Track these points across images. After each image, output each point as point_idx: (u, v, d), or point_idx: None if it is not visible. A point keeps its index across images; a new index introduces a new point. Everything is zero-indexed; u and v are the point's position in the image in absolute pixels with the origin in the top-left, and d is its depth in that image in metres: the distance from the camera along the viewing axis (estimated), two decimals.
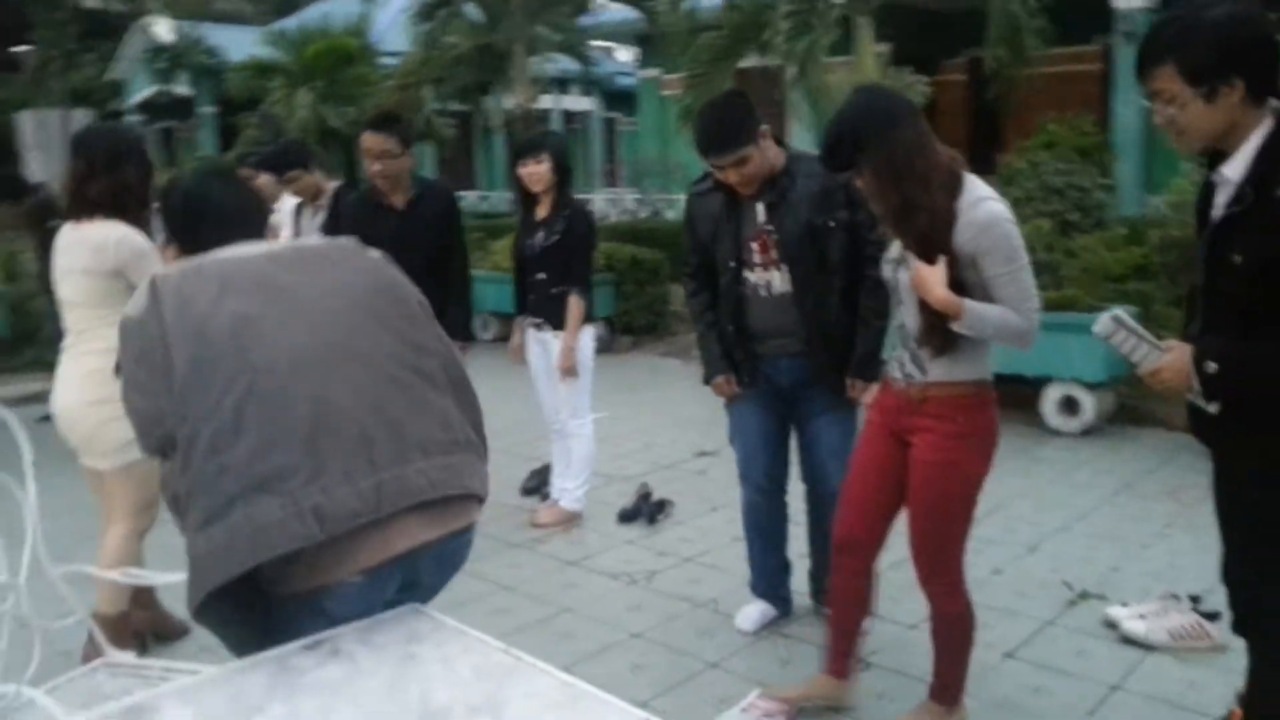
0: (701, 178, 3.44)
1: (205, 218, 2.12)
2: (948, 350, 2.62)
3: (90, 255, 3.18)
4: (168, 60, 20.70)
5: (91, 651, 2.72)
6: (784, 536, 3.64)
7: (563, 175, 4.55)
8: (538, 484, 5.22)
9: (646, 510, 4.77)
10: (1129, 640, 3.46)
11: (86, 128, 4.93)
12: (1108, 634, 3.54)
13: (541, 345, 4.69)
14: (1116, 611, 3.60)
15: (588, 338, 4.66)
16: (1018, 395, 6.53)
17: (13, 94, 21.59)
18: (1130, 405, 6.29)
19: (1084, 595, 3.86)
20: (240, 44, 18.18)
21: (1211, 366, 2.21)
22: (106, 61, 23.22)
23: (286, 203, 5.57)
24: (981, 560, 4.16)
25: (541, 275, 4.60)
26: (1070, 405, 6.20)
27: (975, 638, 2.89)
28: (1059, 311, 6.09)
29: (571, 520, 4.76)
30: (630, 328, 9.62)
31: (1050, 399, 6.25)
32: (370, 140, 4.43)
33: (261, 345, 1.86)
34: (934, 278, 2.52)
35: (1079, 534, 4.52)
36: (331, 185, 5.29)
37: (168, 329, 1.84)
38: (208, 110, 21.26)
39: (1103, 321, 2.33)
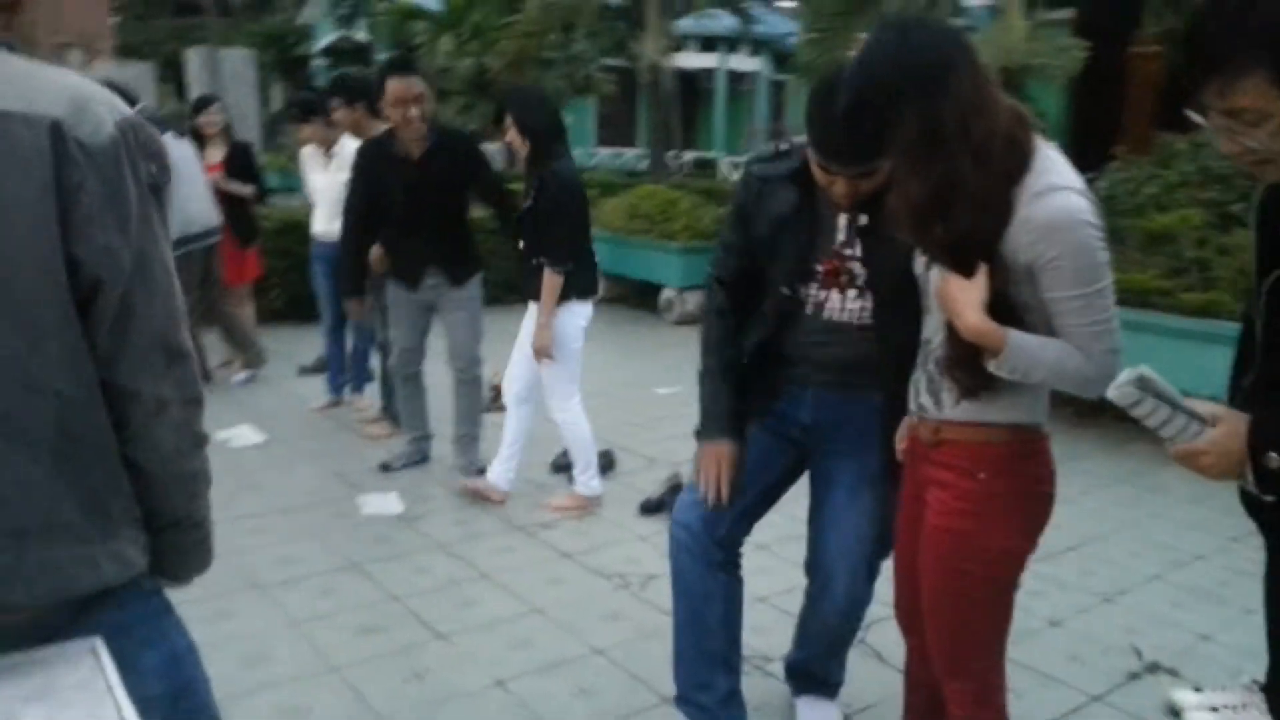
0: (773, 155, 2.42)
1: None
2: (978, 391, 1.91)
3: None
4: (349, 6, 21.23)
5: None
6: (724, 616, 2.53)
7: (533, 138, 4.08)
8: (568, 461, 4.82)
9: (670, 503, 4.29)
10: None
11: None
12: None
13: (532, 320, 4.27)
14: (1184, 697, 2.92)
15: (571, 316, 4.19)
16: None
17: (211, 34, 22.78)
18: None
19: (1153, 668, 3.18)
20: None
21: (1276, 460, 1.59)
22: (298, 6, 24.17)
23: (346, 145, 5.37)
24: (1039, 606, 3.53)
25: (521, 244, 4.20)
26: None
27: None
28: (1200, 318, 5.24)
29: (585, 506, 4.36)
30: None
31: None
32: (398, 86, 4.15)
33: None
34: (966, 296, 1.80)
35: (1171, 586, 3.78)
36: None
37: None
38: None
39: (1121, 386, 1.70)
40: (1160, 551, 4.10)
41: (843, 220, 2.28)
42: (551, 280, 4.05)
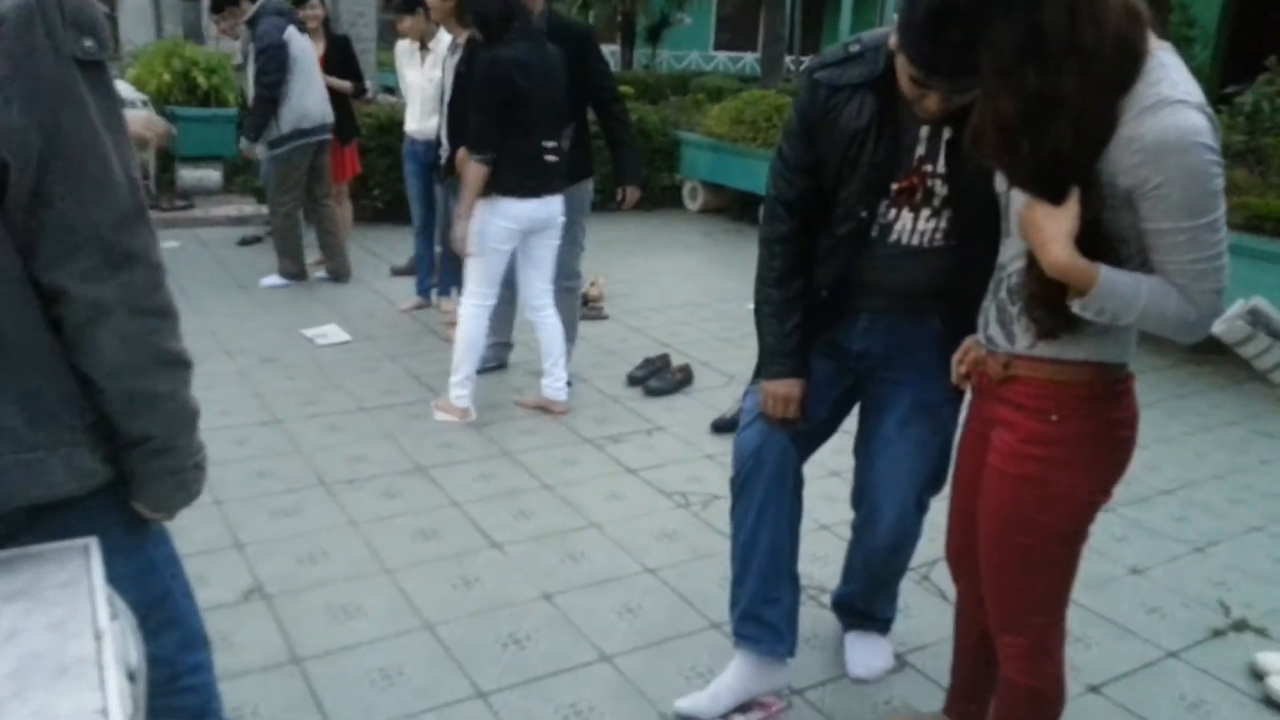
0: (843, 58, 2.13)
1: None
2: (1059, 333, 1.71)
3: None
4: None
5: None
6: (787, 522, 2.40)
7: (480, 23, 3.88)
8: (646, 374, 4.75)
9: None
10: (1273, 702, 2.60)
11: None
12: (1247, 685, 2.69)
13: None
14: (1270, 660, 2.72)
15: (493, 213, 3.94)
16: None
17: None
18: None
19: (1240, 625, 2.97)
20: None
21: None
22: None
23: (442, 40, 5.30)
24: (1122, 552, 3.34)
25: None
26: None
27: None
28: None
29: (457, 415, 4.18)
30: None
31: None
32: None
33: None
34: (1054, 226, 1.59)
35: (1274, 539, 3.52)
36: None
37: None
38: None
39: (1230, 320, 1.49)
40: (1266, 501, 3.81)
41: (924, 132, 2.07)
42: (473, 170, 3.87)
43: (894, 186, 2.11)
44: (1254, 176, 5.44)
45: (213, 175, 8.40)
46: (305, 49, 5.85)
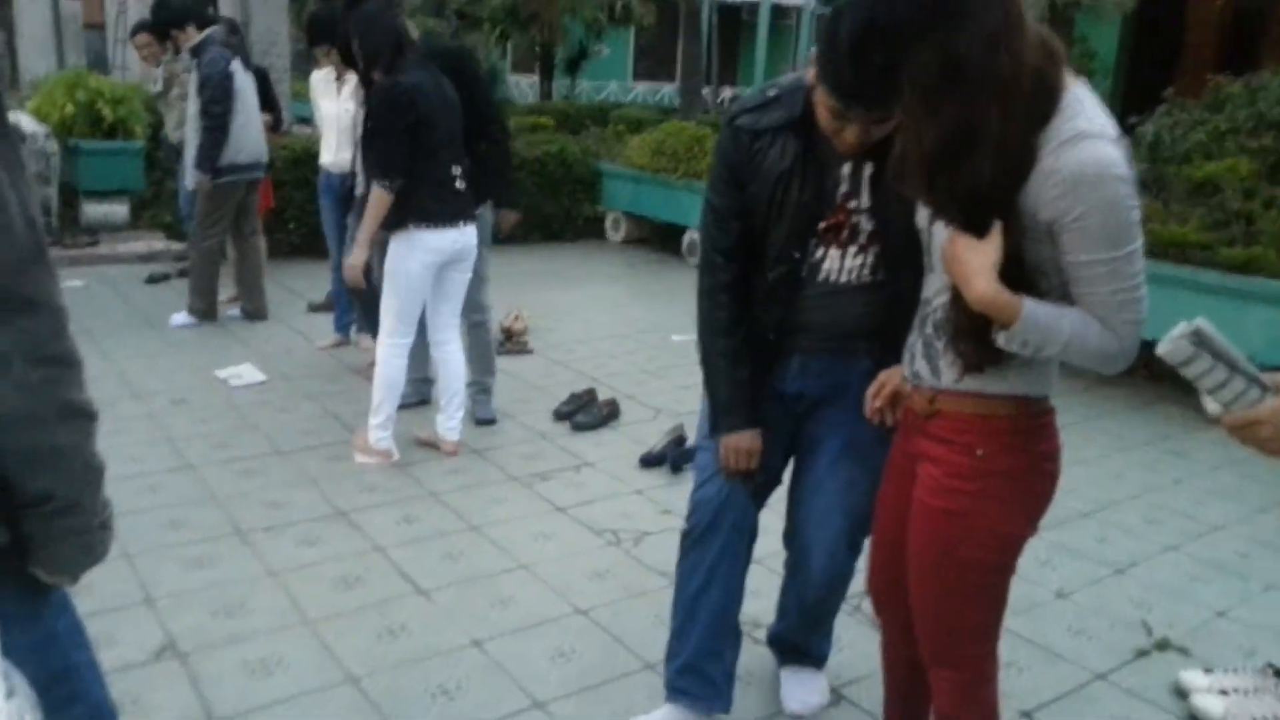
0: (763, 102, 2.13)
1: None
2: (984, 365, 1.71)
3: None
4: None
5: None
6: (737, 583, 2.41)
7: (364, 59, 3.91)
8: (572, 409, 4.71)
9: (673, 457, 4.18)
10: None
11: None
12: (1174, 704, 2.73)
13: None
14: (1192, 678, 2.78)
15: (408, 244, 3.86)
16: (1168, 368, 5.45)
17: None
18: None
19: (1163, 645, 3.03)
20: None
21: None
22: None
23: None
24: (1047, 576, 3.38)
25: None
26: None
27: None
28: (1241, 274, 4.98)
29: (369, 456, 4.08)
30: None
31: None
32: None
33: None
34: (977, 259, 1.59)
35: (1189, 558, 3.61)
36: None
37: None
38: None
39: (1174, 340, 1.51)
40: (1180, 520, 3.92)
41: (846, 169, 2.08)
42: (375, 196, 3.80)
43: (820, 225, 2.11)
44: (1156, 204, 5.64)
45: (119, 210, 8.12)
46: (247, 83, 5.77)
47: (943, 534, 1.82)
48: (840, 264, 2.13)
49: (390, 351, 4.01)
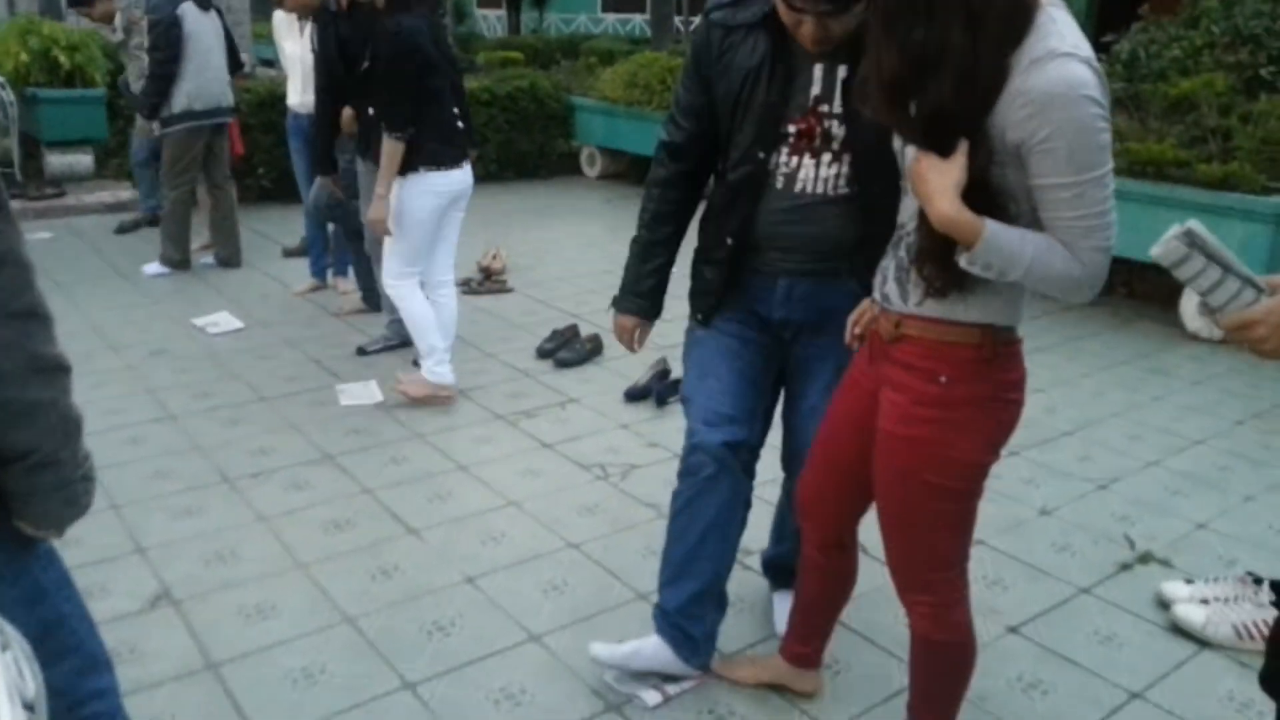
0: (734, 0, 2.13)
1: None
2: (948, 290, 1.70)
3: None
4: None
5: None
6: (731, 548, 2.39)
7: None
8: (555, 346, 4.69)
9: (658, 390, 4.19)
10: (1179, 629, 2.71)
11: None
12: (1156, 615, 2.79)
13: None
14: (1174, 589, 2.83)
15: (419, 187, 3.84)
16: (1152, 287, 5.49)
17: None
18: None
19: (1145, 558, 3.09)
20: None
21: None
22: None
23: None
24: (1031, 494, 3.43)
25: (369, 110, 3.93)
26: None
27: (971, 670, 2.04)
28: (1219, 190, 4.99)
29: (439, 396, 4.06)
30: None
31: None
32: None
33: None
34: (940, 180, 1.58)
35: (1170, 472, 3.66)
36: None
37: None
38: None
39: (1167, 241, 1.51)
40: (1160, 436, 3.97)
41: (818, 71, 2.05)
42: (388, 147, 3.74)
43: (791, 129, 2.08)
44: (1133, 122, 5.62)
45: (84, 160, 7.96)
46: (203, 27, 5.62)
47: (906, 462, 1.83)
48: (814, 174, 2.10)
49: (405, 290, 4.00)
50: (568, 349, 4.65)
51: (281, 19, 5.48)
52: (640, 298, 2.40)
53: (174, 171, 5.76)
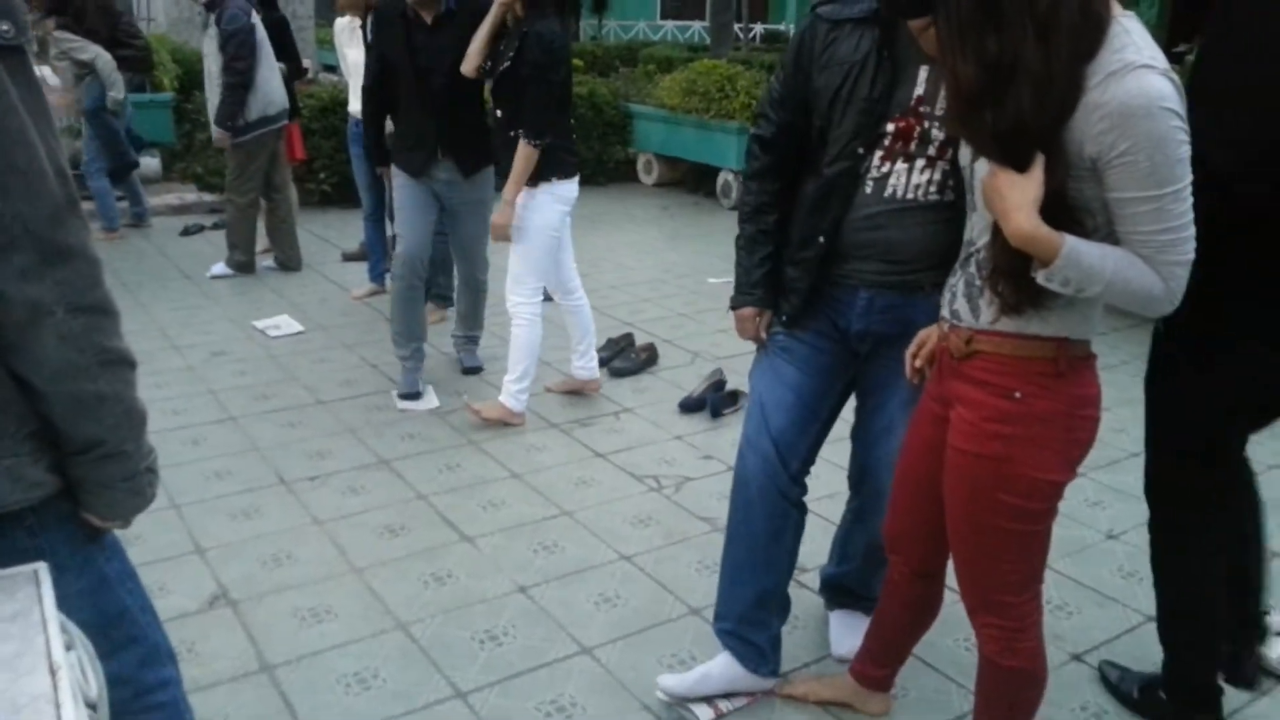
0: None
1: None
2: (1023, 306, 1.66)
3: None
4: None
5: None
6: (790, 555, 2.39)
7: None
8: (610, 355, 4.68)
9: (712, 401, 4.15)
10: (1263, 667, 2.60)
11: None
12: None
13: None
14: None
15: (550, 198, 3.80)
16: None
17: None
18: None
19: None
20: None
21: None
22: None
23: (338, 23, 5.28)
24: (1097, 518, 3.34)
25: (498, 112, 3.82)
26: None
27: (1039, 698, 1.98)
28: None
29: (509, 420, 3.94)
30: None
31: None
32: None
33: None
34: (1017, 195, 1.54)
35: None
36: None
37: None
38: None
39: None
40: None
41: (923, 73, 2.01)
42: (526, 154, 3.66)
43: (890, 127, 2.04)
44: None
45: (151, 163, 8.13)
46: (264, 33, 5.72)
47: (979, 480, 1.78)
48: (907, 179, 2.06)
49: (532, 311, 3.90)
50: (622, 358, 4.64)
51: (343, 26, 5.55)
52: (755, 288, 2.30)
53: (243, 178, 5.83)
